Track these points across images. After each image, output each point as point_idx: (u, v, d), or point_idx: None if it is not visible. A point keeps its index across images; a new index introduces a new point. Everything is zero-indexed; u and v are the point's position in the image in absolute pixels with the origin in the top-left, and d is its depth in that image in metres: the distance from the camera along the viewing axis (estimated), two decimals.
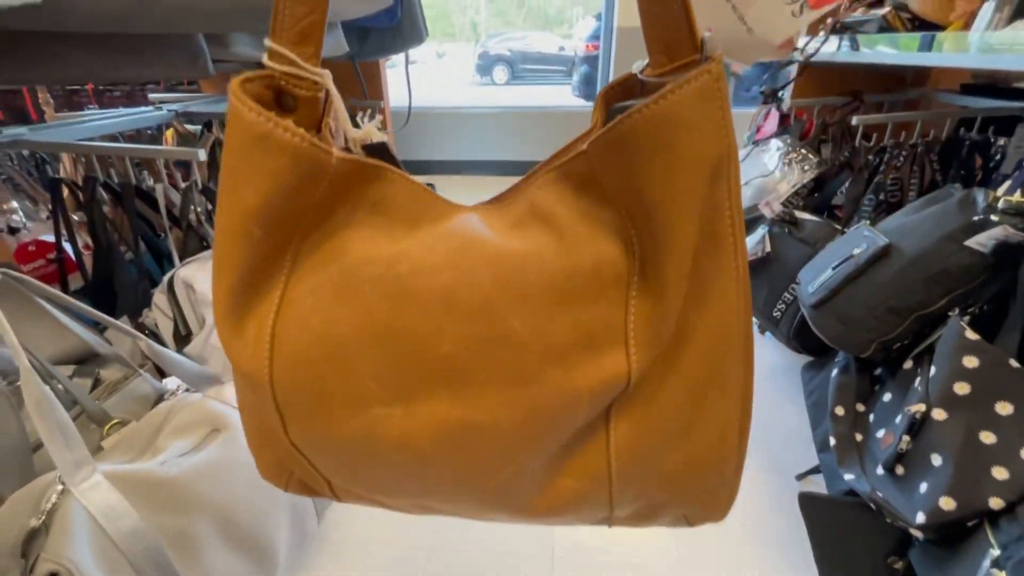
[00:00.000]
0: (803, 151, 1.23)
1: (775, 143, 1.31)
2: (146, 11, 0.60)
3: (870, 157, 1.11)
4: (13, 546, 0.47)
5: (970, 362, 0.61)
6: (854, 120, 1.10)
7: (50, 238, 0.94)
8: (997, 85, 1.15)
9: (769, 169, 1.26)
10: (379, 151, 0.31)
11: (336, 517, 0.96)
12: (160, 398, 0.69)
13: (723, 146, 0.24)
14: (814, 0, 0.28)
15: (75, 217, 0.97)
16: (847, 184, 1.13)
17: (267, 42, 0.26)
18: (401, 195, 0.29)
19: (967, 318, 0.67)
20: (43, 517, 0.47)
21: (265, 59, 0.26)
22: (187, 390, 0.69)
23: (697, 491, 0.30)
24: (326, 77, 0.27)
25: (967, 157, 1.10)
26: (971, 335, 0.62)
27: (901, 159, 1.08)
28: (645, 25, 0.26)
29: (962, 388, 0.60)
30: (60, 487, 0.49)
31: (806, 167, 1.20)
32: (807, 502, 0.74)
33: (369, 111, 0.30)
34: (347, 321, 0.26)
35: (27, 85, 1.21)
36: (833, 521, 0.72)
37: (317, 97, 0.28)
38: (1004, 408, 0.57)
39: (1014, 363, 0.58)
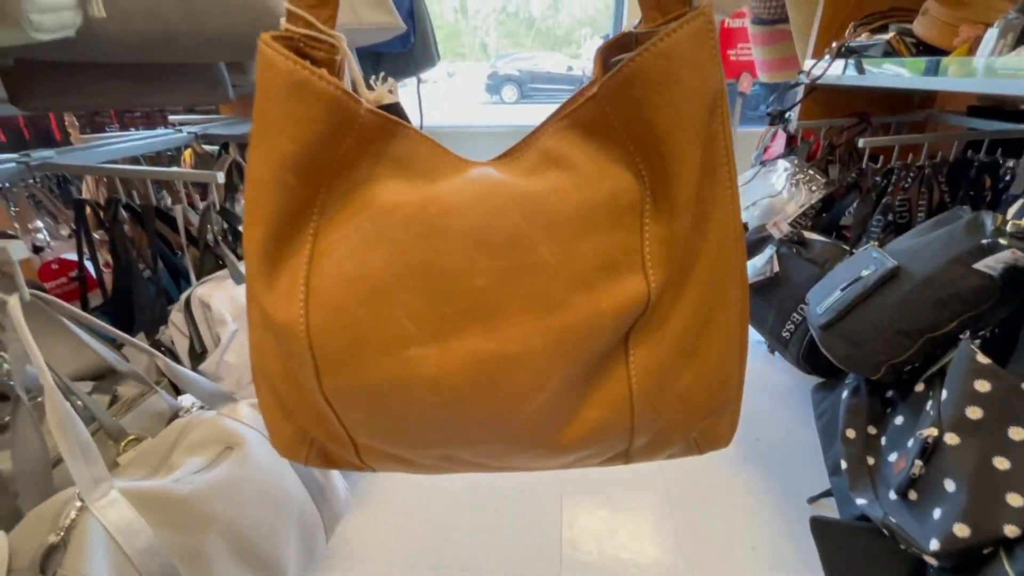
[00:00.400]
0: (811, 172, 1.24)
1: (782, 163, 1.32)
2: (172, 42, 0.63)
3: (878, 178, 1.11)
4: (32, 561, 0.48)
5: (982, 386, 0.60)
6: (861, 142, 1.11)
7: (72, 256, 0.97)
8: (1004, 107, 1.16)
9: (777, 189, 1.26)
10: (392, 112, 0.32)
11: (344, 535, 0.96)
12: (175, 415, 0.70)
13: (717, 81, 0.27)
14: None
15: (96, 235, 1.00)
16: (855, 205, 1.14)
17: (286, 4, 0.27)
18: (419, 150, 0.31)
19: (978, 341, 0.67)
20: (62, 533, 0.48)
21: (283, 22, 0.28)
22: (201, 407, 0.70)
23: (706, 410, 0.32)
24: (340, 40, 0.29)
25: (976, 178, 1.10)
26: (982, 359, 0.61)
27: (909, 180, 1.08)
28: None
29: (974, 413, 0.60)
30: (79, 503, 0.50)
31: (814, 187, 1.21)
32: (819, 526, 0.73)
33: (382, 75, 0.32)
34: (381, 264, 0.28)
35: (63, 111, 1.25)
36: (846, 546, 0.71)
37: (334, 60, 0.29)
38: (1018, 434, 0.57)
39: None
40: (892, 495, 0.66)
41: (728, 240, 0.29)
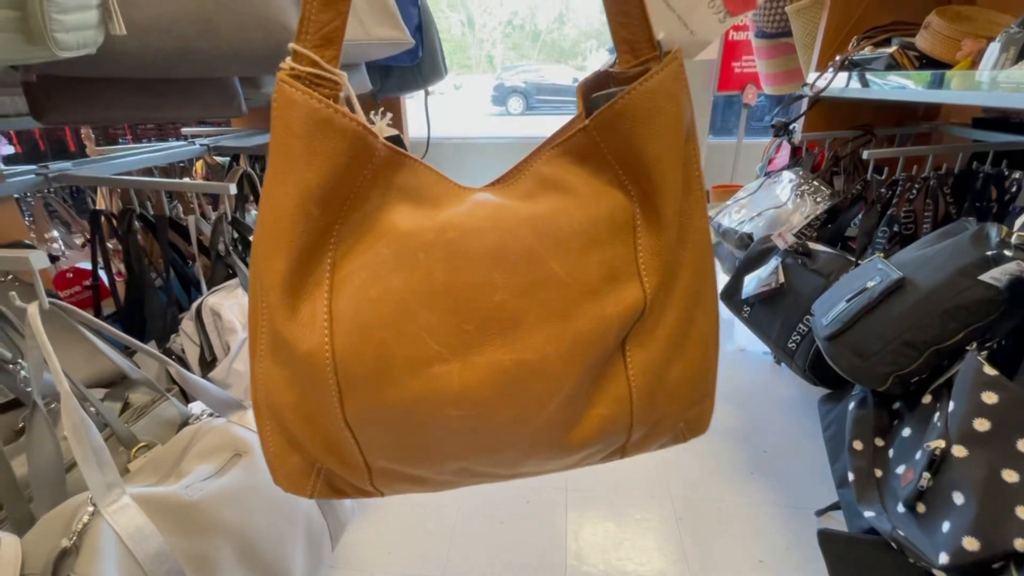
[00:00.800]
0: (815, 183, 1.24)
1: (787, 175, 1.32)
2: (188, 58, 0.65)
3: (883, 190, 1.12)
4: (45, 565, 0.48)
5: (989, 398, 0.60)
6: (865, 153, 1.11)
7: (86, 266, 0.99)
8: (1009, 119, 1.16)
9: (782, 200, 1.27)
10: (394, 143, 0.34)
11: (348, 543, 0.96)
12: (185, 422, 0.71)
13: (690, 113, 0.32)
14: (732, 9, 0.37)
15: (109, 245, 1.02)
16: (860, 216, 1.14)
17: (292, 44, 0.29)
18: (424, 180, 0.33)
19: (985, 353, 0.67)
20: (74, 538, 0.49)
21: (289, 60, 0.29)
22: (211, 415, 0.71)
23: (691, 400, 0.35)
24: (343, 77, 0.30)
25: (981, 190, 1.10)
26: (989, 370, 0.61)
27: (914, 192, 1.08)
28: (615, 32, 0.32)
29: (982, 424, 0.60)
30: (91, 508, 0.51)
31: (819, 199, 1.21)
32: (827, 540, 0.72)
33: (381, 110, 0.34)
34: (405, 287, 0.30)
35: (82, 125, 1.28)
36: (854, 560, 0.70)
37: (337, 96, 0.30)
38: None
39: None
40: (900, 508, 0.66)
41: (703, 247, 0.34)
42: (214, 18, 0.64)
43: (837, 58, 1.12)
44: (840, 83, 1.11)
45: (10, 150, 1.96)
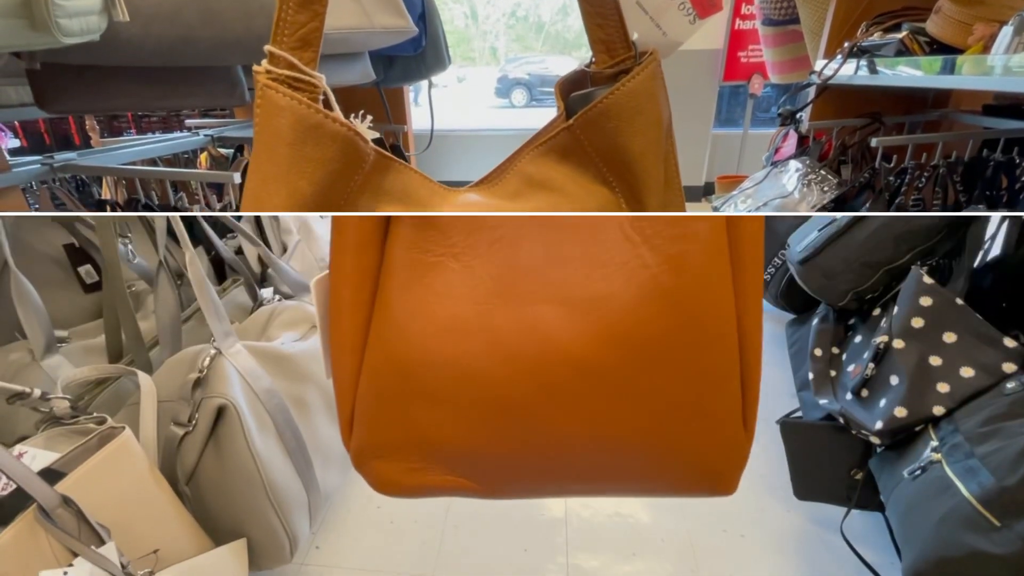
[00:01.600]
0: (822, 172, 1.23)
1: (794, 164, 1.31)
2: (192, 46, 0.65)
3: (891, 178, 1.10)
4: (181, 388, 0.57)
5: (925, 301, 0.70)
6: (873, 141, 1.10)
7: None
8: (1021, 106, 1.14)
9: (788, 190, 1.26)
10: (376, 146, 0.33)
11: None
12: (260, 304, 0.82)
13: (668, 110, 0.35)
14: (700, 12, 0.38)
15: None
16: (867, 205, 1.13)
17: (268, 47, 0.28)
18: (410, 183, 0.33)
19: (926, 268, 0.75)
20: (204, 371, 0.57)
21: (265, 63, 0.28)
22: (280, 300, 0.84)
23: None
24: (321, 80, 0.29)
25: (991, 177, 1.08)
26: (927, 280, 0.71)
27: (923, 180, 1.07)
28: (591, 33, 0.34)
29: (918, 322, 0.70)
30: (213, 351, 0.59)
31: (826, 188, 1.20)
32: (787, 428, 0.84)
33: (361, 112, 0.34)
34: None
35: (85, 114, 1.28)
36: (808, 442, 0.82)
37: (316, 98, 0.29)
38: (949, 337, 0.68)
39: (959, 301, 0.69)
40: (848, 396, 0.76)
41: None
42: (217, 6, 0.63)
43: (845, 45, 1.11)
44: (848, 70, 1.09)
45: (15, 143, 1.97)
